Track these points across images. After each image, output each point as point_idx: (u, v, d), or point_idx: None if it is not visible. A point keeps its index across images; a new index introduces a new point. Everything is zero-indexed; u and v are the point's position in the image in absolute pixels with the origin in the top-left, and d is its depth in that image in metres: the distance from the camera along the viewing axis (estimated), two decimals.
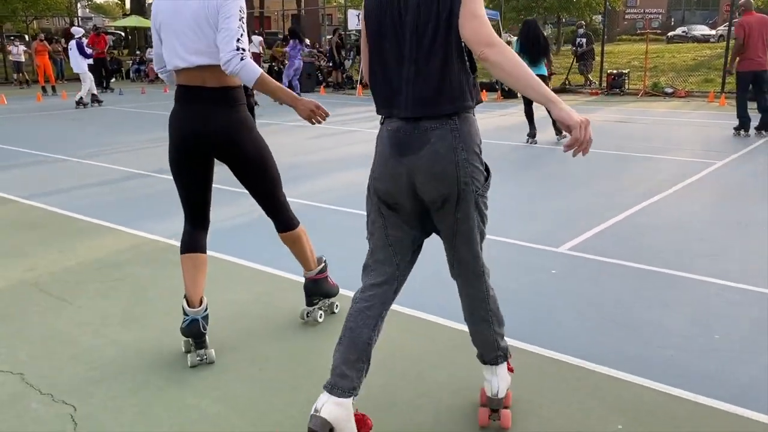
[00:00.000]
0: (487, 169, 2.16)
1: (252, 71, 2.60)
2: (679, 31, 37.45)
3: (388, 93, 2.10)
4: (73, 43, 14.30)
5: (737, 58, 9.07)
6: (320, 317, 3.22)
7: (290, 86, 14.62)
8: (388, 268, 2.23)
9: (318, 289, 3.23)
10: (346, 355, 2.13)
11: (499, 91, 16.19)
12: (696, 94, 15.57)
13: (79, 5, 45.30)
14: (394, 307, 3.42)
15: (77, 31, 14.59)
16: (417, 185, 2.08)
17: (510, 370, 2.45)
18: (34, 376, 2.74)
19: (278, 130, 10.48)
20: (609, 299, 3.49)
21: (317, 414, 2.04)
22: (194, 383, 2.69)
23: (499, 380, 2.32)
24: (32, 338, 3.10)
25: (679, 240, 4.49)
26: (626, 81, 16.25)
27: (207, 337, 2.86)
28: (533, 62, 8.50)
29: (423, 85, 2.02)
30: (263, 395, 2.59)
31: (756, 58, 8.91)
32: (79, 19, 36.25)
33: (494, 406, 2.33)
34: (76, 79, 15.30)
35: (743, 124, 9.29)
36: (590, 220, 4.96)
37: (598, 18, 39.23)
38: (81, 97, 14.40)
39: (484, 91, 16.56)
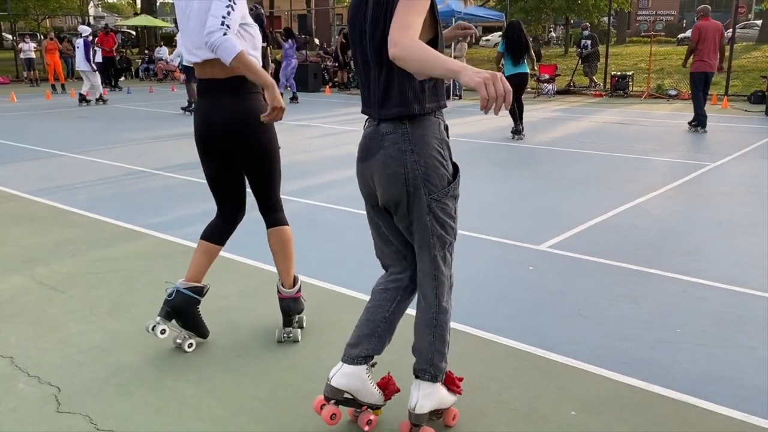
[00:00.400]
0: (454, 174, 2.17)
1: (232, 47, 2.59)
2: (689, 33, 37.35)
3: (364, 96, 2.23)
4: (80, 42, 14.56)
5: (691, 58, 9.89)
6: (299, 336, 3.09)
7: (287, 86, 14.81)
8: (396, 257, 2.34)
9: (297, 308, 3.11)
10: (361, 329, 2.30)
11: None
12: None
13: (91, 4, 45.76)
14: (359, 294, 3.57)
15: (84, 29, 14.83)
16: (375, 188, 2.20)
17: (457, 392, 2.38)
18: (23, 359, 2.89)
19: (280, 129, 10.62)
20: (580, 294, 3.60)
21: (327, 382, 2.27)
22: (173, 367, 2.83)
23: (419, 395, 2.25)
24: (24, 324, 3.26)
25: (657, 239, 4.59)
26: (630, 83, 16.29)
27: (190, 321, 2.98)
28: (516, 62, 9.10)
29: (379, 90, 2.12)
30: (238, 380, 2.73)
31: (707, 60, 9.70)
32: (91, 17, 36.62)
33: (413, 420, 2.25)
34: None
35: (701, 121, 9.99)
36: (574, 220, 5.07)
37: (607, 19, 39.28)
38: (98, 96, 14.73)
39: None
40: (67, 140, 9.62)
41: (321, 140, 9.67)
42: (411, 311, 2.38)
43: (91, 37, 15.09)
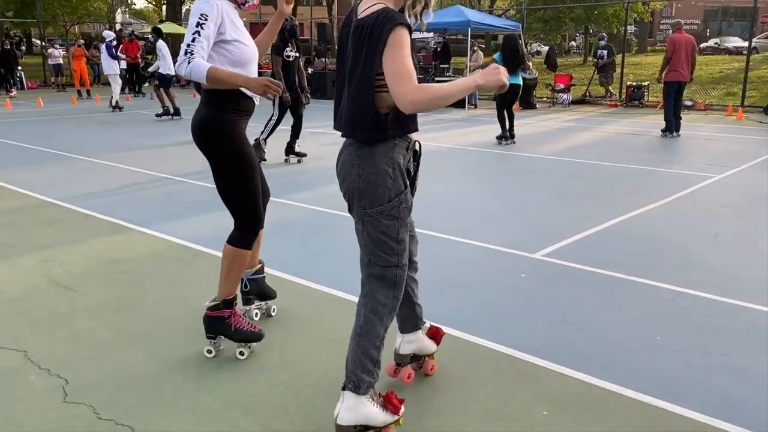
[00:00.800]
0: (397, 194, 2.26)
1: (199, 70, 2.79)
2: (711, 42, 37.05)
3: (335, 112, 2.42)
4: (103, 47, 15.06)
5: (666, 70, 10.78)
6: (208, 353, 3.09)
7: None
8: None
9: (211, 326, 3.08)
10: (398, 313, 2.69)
11: (516, 102, 16.36)
12: (716, 108, 15.56)
13: (118, 11, 46.65)
14: (319, 287, 3.77)
15: (108, 34, 15.34)
16: None
17: (392, 411, 2.39)
18: (35, 353, 3.10)
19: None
20: (567, 301, 3.73)
21: (397, 352, 2.80)
22: (174, 363, 3.01)
23: (342, 407, 2.33)
24: (37, 320, 3.47)
25: (651, 249, 4.70)
26: (646, 93, 16.30)
27: (250, 297, 3.50)
28: (511, 72, 9.68)
29: (348, 110, 2.29)
30: (233, 376, 2.90)
31: (680, 70, 10.66)
32: (118, 24, 37.35)
33: (336, 428, 2.34)
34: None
35: (669, 126, 10.87)
36: (572, 229, 5.18)
37: (630, 29, 39.12)
38: (116, 101, 15.14)
39: None
40: (89, 145, 9.93)
41: (334, 148, 9.84)
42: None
43: (114, 42, 15.53)
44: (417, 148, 2.39)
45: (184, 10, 36.96)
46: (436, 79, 16.62)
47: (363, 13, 2.24)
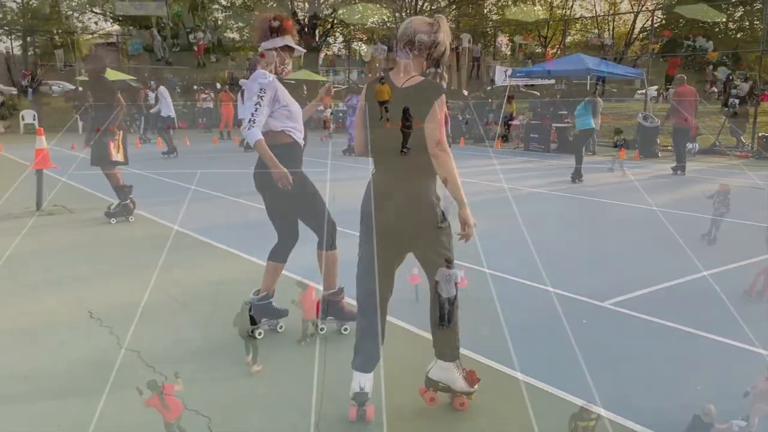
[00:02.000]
0: (443, 215, 3.02)
1: (253, 138, 3.75)
2: None
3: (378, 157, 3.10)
4: (239, 94, 16.72)
5: (676, 118, 12.46)
6: (316, 332, 4.07)
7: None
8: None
9: (331, 309, 4.12)
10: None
11: (637, 151, 16.06)
12: None
13: None
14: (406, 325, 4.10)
15: (244, 83, 16.96)
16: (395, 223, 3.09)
17: (469, 383, 3.16)
18: (146, 353, 3.78)
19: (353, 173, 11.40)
20: (621, 349, 3.89)
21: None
22: (250, 371, 3.57)
23: (435, 365, 3.15)
24: (154, 328, 4.19)
25: (723, 305, 4.67)
26: None
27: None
28: (591, 118, 10.97)
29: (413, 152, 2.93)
30: (297, 384, 3.40)
31: (689, 118, 12.28)
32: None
33: (426, 383, 3.18)
34: None
35: (681, 167, 12.54)
36: (650, 280, 5.25)
37: None
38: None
39: (622, 149, 16.45)
40: (221, 182, 11.07)
41: None
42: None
43: None
44: None
45: (320, 57, 39.46)
46: (554, 125, 16.74)
47: (407, 82, 2.91)
